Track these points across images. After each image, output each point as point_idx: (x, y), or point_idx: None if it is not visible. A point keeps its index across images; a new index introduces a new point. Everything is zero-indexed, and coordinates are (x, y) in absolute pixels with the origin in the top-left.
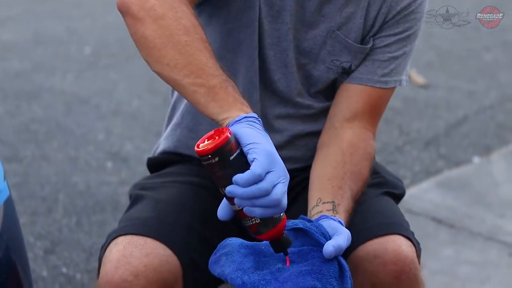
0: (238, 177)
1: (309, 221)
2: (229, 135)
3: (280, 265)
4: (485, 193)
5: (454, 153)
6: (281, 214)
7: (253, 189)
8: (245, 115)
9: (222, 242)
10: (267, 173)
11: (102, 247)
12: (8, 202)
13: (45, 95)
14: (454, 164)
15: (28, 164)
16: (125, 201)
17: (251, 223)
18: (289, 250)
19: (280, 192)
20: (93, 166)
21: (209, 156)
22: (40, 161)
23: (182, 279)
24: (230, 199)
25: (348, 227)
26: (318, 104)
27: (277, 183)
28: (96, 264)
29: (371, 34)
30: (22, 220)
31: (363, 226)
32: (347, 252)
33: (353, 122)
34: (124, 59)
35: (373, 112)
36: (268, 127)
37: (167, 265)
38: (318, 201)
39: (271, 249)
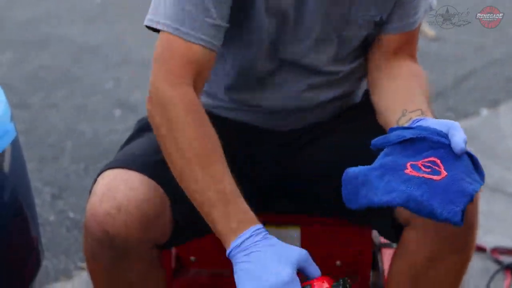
0: None
1: (410, 128)
2: None
3: (427, 172)
4: (492, 146)
5: (462, 106)
6: None
7: None
8: (233, 244)
9: (344, 176)
10: None
11: (94, 181)
12: (15, 143)
13: (54, 43)
14: (462, 116)
15: (36, 111)
16: None
17: None
18: (412, 162)
19: None
20: (101, 114)
21: None
22: (48, 109)
23: (169, 214)
24: None
25: None
26: (344, 68)
27: None
28: None
29: None
30: (30, 166)
31: None
32: None
33: (400, 61)
34: (134, 9)
35: (413, 47)
36: (295, 100)
37: (153, 200)
38: (404, 112)
39: (395, 156)
